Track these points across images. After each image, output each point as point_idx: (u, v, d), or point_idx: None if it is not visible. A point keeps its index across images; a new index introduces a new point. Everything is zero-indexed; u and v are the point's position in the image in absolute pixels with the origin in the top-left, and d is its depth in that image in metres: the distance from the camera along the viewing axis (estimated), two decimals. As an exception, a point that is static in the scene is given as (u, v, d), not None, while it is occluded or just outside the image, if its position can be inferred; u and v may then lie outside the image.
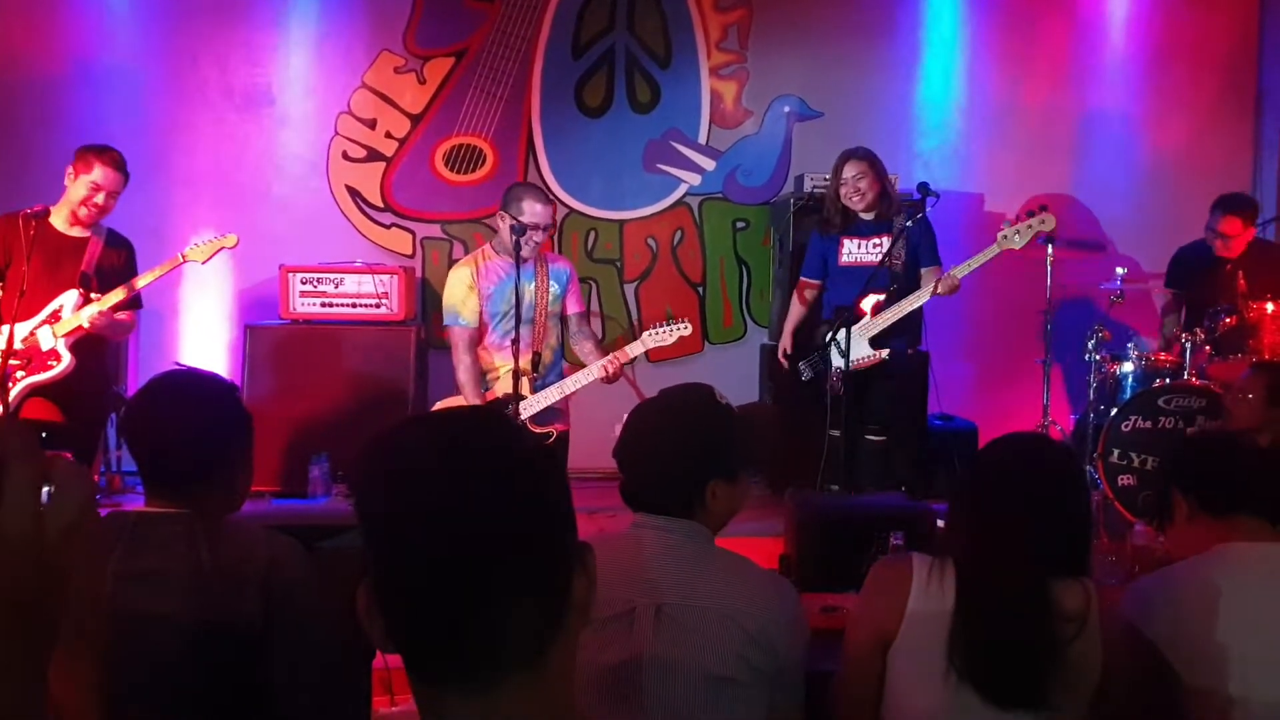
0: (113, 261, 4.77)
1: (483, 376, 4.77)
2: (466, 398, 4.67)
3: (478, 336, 4.70)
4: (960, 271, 5.09)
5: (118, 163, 4.65)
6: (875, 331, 5.16)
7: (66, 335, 4.60)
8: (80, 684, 1.96)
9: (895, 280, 5.27)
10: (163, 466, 2.18)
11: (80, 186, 4.60)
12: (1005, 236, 5.09)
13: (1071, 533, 2.17)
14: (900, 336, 5.24)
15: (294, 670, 2.10)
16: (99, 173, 4.60)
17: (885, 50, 6.84)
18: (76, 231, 4.68)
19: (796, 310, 5.57)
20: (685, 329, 4.72)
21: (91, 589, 2.02)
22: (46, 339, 4.60)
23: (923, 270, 5.31)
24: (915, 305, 5.16)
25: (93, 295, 4.63)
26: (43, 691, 0.90)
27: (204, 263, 5.03)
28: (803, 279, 5.57)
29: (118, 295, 4.64)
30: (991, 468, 2.24)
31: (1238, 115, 6.98)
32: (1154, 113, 6.95)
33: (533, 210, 4.61)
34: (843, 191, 5.32)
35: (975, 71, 6.91)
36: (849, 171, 5.29)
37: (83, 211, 4.62)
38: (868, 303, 5.16)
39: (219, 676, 2.05)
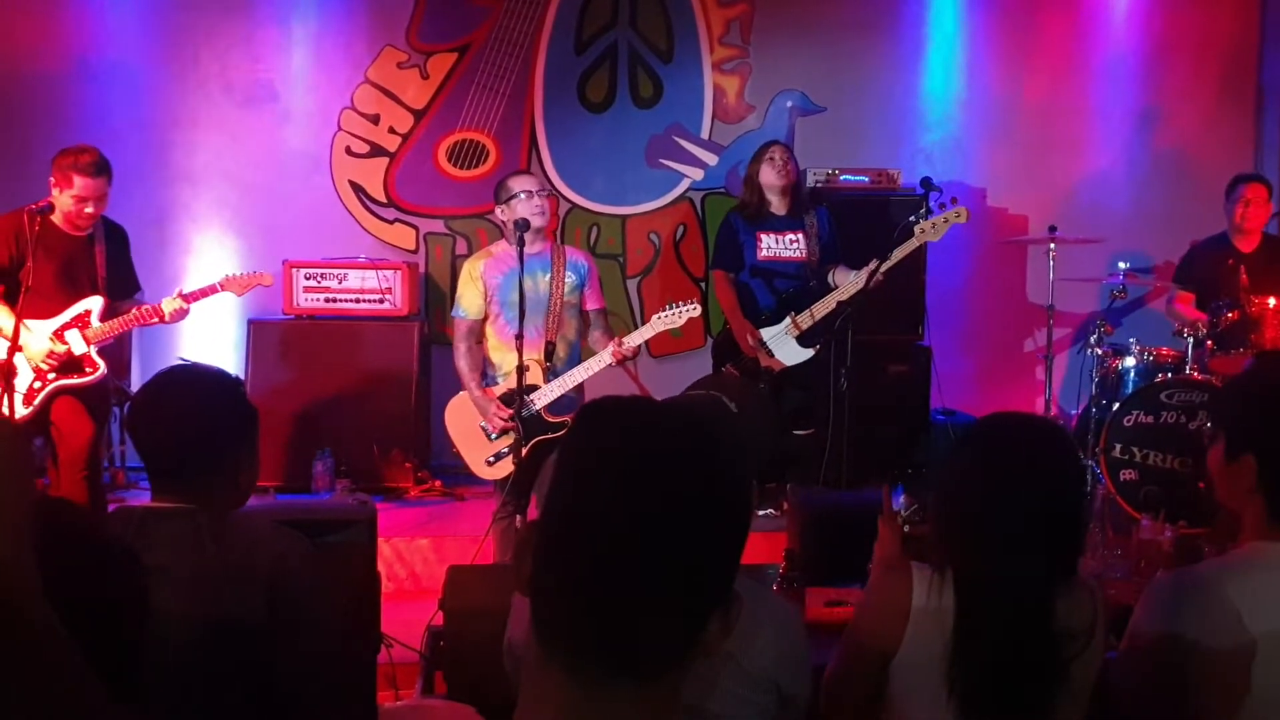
0: (116, 258, 4.83)
1: (490, 371, 4.77)
2: (466, 385, 4.70)
3: (478, 328, 4.73)
4: (882, 266, 5.05)
5: (95, 168, 4.55)
6: (799, 331, 5.22)
7: (98, 342, 4.69)
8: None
9: (813, 276, 5.33)
10: (168, 461, 2.18)
11: (65, 200, 4.56)
12: (922, 230, 5.07)
13: (1061, 514, 2.08)
14: (823, 332, 5.23)
15: (300, 664, 2.11)
16: (79, 185, 4.54)
17: (888, 45, 6.84)
18: (77, 231, 4.70)
19: (734, 298, 5.44)
20: (694, 310, 4.69)
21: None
22: (78, 344, 4.65)
23: (834, 268, 5.34)
24: (839, 301, 5.12)
25: (148, 318, 4.78)
26: None
27: (240, 295, 5.13)
28: (723, 272, 5.50)
29: (176, 302, 4.79)
30: (977, 447, 2.16)
31: (1239, 111, 6.97)
32: (1155, 108, 6.95)
33: (518, 181, 4.70)
34: (765, 169, 5.39)
35: (977, 66, 6.90)
36: (777, 152, 5.44)
37: (78, 220, 4.64)
38: (803, 319, 5.20)
39: (225, 671, 2.06)
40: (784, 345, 5.24)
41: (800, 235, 5.37)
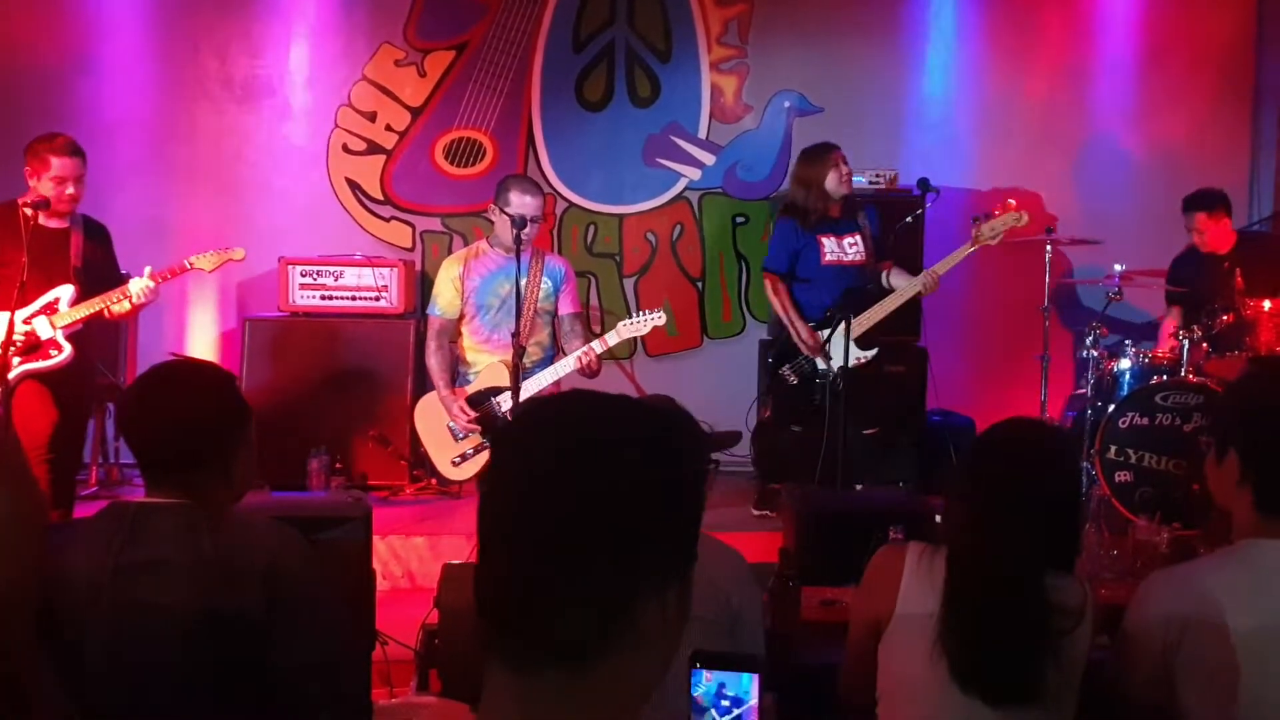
0: (96, 252, 4.78)
1: (463, 369, 4.78)
2: (435, 384, 4.71)
3: (451, 328, 4.75)
4: (940, 269, 5.09)
5: (70, 148, 4.57)
6: (859, 332, 5.18)
7: (65, 328, 4.62)
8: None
9: (873, 277, 5.31)
10: (158, 455, 2.17)
11: (45, 186, 4.54)
12: (980, 234, 5.09)
13: (1061, 514, 2.19)
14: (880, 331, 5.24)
15: (295, 660, 2.10)
16: (56, 165, 4.53)
17: (886, 46, 6.84)
18: (54, 223, 4.66)
19: (789, 301, 5.37)
20: (659, 319, 4.71)
21: (90, 580, 2.03)
22: (45, 329, 4.61)
23: (887, 268, 5.34)
24: (898, 304, 5.15)
25: (116, 302, 4.65)
26: None
27: (210, 271, 5.04)
28: (777, 275, 5.42)
29: (143, 282, 4.66)
30: (985, 452, 2.28)
31: (1235, 112, 6.98)
32: (1152, 109, 6.96)
33: (520, 201, 4.65)
34: (833, 177, 5.28)
35: (975, 67, 6.91)
36: (842, 159, 5.31)
37: (59, 204, 4.59)
38: (866, 320, 5.17)
39: (220, 666, 2.05)
40: (842, 348, 5.19)
41: (858, 237, 5.30)
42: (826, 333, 5.21)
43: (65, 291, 4.65)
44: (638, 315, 4.75)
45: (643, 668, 1.12)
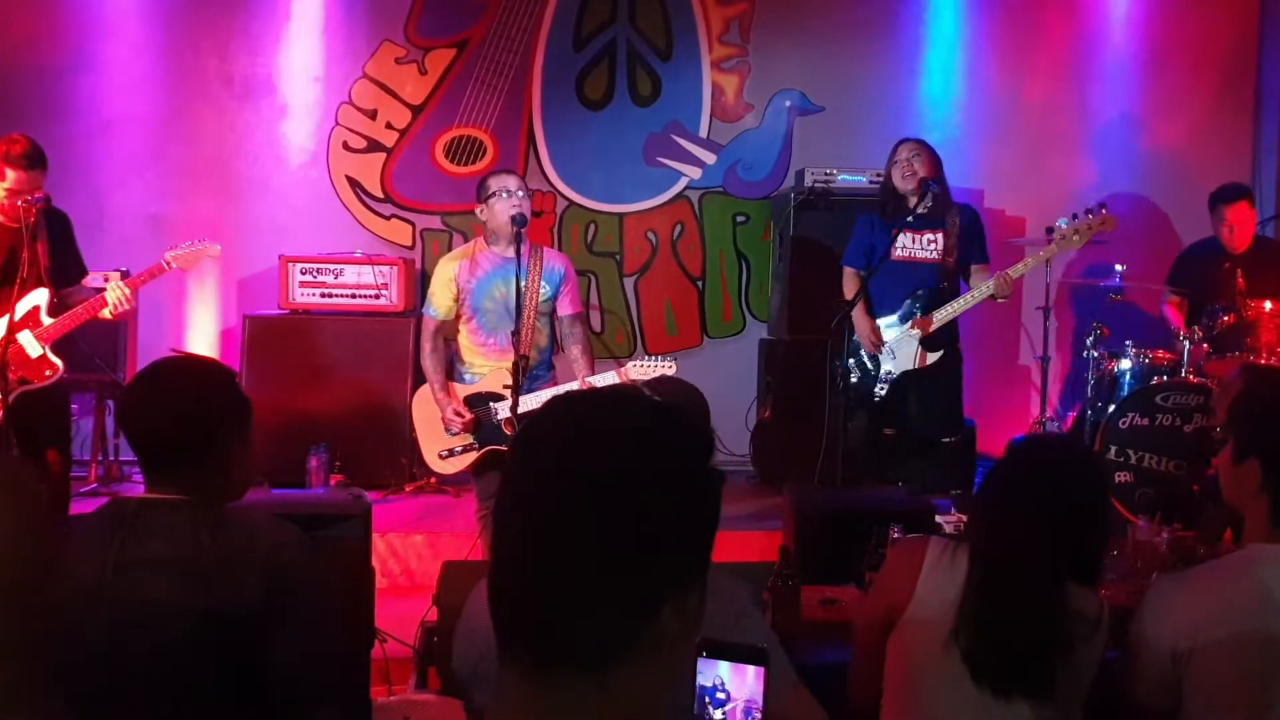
0: (61, 246, 4.62)
1: (460, 368, 4.76)
2: (430, 384, 4.70)
3: (446, 328, 4.74)
4: (1016, 272, 5.02)
5: (28, 160, 4.36)
6: (929, 333, 5.11)
7: (50, 340, 4.50)
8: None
9: (947, 277, 5.20)
10: (158, 451, 2.17)
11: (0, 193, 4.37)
12: (1064, 236, 5.03)
13: (1088, 536, 2.21)
14: (946, 333, 5.19)
15: (294, 657, 2.10)
16: (12, 177, 4.35)
17: (887, 45, 6.84)
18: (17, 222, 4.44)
19: (857, 294, 5.19)
20: (670, 367, 4.70)
21: (90, 577, 2.02)
22: (33, 347, 4.48)
23: (973, 268, 5.25)
24: (968, 306, 5.08)
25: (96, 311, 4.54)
26: None
27: (189, 270, 4.94)
28: (852, 269, 5.31)
29: (118, 289, 4.53)
30: (1011, 472, 2.28)
31: (1237, 114, 6.98)
32: (1154, 111, 6.96)
33: (498, 181, 4.61)
34: (895, 171, 5.20)
35: (976, 67, 6.91)
36: (903, 153, 5.22)
37: (12, 213, 4.41)
38: (929, 322, 5.09)
39: (220, 662, 2.05)
40: (907, 347, 5.14)
41: (940, 235, 5.17)
42: (890, 330, 5.14)
43: (42, 297, 4.51)
44: (649, 359, 4.75)
45: (660, 672, 1.11)
